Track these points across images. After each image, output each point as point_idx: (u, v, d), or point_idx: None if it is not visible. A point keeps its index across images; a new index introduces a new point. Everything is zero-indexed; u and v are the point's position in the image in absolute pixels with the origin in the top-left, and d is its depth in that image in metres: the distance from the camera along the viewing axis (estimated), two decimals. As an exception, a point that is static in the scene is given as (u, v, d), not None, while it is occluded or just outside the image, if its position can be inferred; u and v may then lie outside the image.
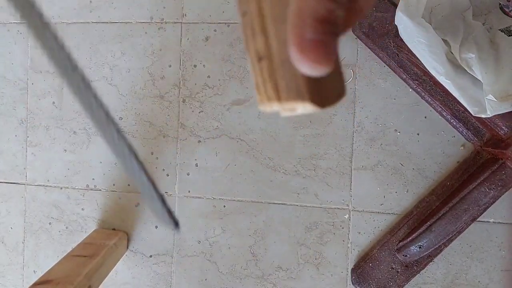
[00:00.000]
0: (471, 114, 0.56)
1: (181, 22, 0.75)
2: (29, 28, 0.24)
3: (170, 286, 0.76)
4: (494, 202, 0.62)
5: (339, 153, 0.70)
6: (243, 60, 0.73)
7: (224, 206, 0.74)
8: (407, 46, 0.58)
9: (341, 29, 0.15)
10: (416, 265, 0.66)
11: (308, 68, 0.14)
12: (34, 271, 0.81)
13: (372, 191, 0.69)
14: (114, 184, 0.78)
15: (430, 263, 0.66)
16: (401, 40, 0.59)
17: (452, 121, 0.65)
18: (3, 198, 0.83)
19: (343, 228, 0.70)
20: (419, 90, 0.66)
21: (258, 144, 0.72)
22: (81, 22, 0.79)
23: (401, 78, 0.66)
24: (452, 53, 0.54)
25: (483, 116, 0.54)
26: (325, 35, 0.14)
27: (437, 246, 0.63)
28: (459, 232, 0.64)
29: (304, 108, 0.17)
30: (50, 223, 0.80)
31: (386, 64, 0.67)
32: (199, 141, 0.75)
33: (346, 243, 0.70)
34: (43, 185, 0.81)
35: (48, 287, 0.55)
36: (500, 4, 0.58)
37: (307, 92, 0.16)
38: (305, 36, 0.14)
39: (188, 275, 0.75)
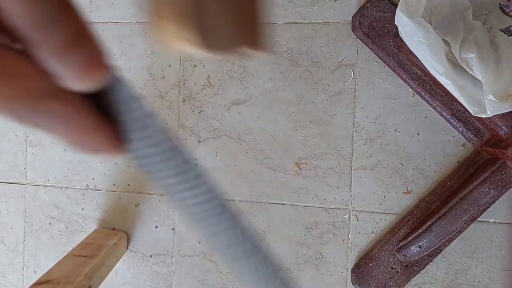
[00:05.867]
0: (471, 114, 0.56)
1: (181, 22, 0.75)
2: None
3: (170, 286, 0.76)
4: (494, 202, 0.62)
5: (339, 153, 0.70)
6: (243, 60, 0.73)
7: (224, 206, 0.74)
8: (407, 46, 0.58)
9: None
10: (416, 265, 0.66)
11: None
12: (34, 271, 0.82)
13: (372, 191, 0.69)
14: (114, 184, 0.78)
15: (430, 263, 0.66)
16: (401, 40, 0.59)
17: (452, 121, 0.65)
18: (3, 198, 0.83)
19: (343, 228, 0.70)
20: (419, 90, 0.66)
21: (258, 144, 0.72)
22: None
23: (401, 78, 0.67)
24: (452, 53, 0.54)
25: (483, 116, 0.54)
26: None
27: (437, 246, 0.63)
28: (459, 232, 0.64)
29: (185, 33, 0.16)
30: (50, 223, 0.80)
31: (386, 64, 0.67)
32: (199, 141, 0.75)
33: (346, 243, 0.70)
34: (43, 185, 0.81)
35: (48, 287, 0.55)
36: (500, 4, 0.58)
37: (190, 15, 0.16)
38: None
39: (188, 275, 0.75)
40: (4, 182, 0.83)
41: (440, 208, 0.63)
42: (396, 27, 0.58)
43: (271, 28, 0.72)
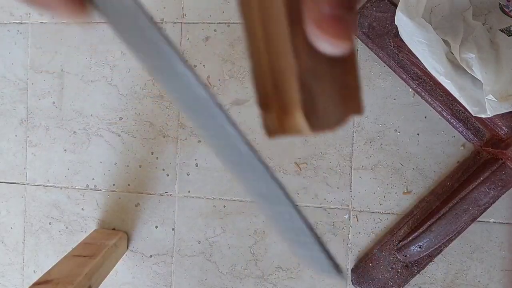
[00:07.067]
0: (471, 114, 0.56)
1: (181, 22, 0.75)
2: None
3: (170, 286, 0.76)
4: (494, 202, 0.62)
5: (339, 153, 0.70)
6: (243, 60, 0.73)
7: (224, 206, 0.74)
8: (407, 46, 0.58)
9: (354, 1, 0.14)
10: (416, 265, 0.66)
11: (327, 44, 0.14)
12: (34, 271, 0.82)
13: (372, 191, 0.69)
14: (114, 184, 0.78)
15: (430, 263, 0.66)
16: (401, 40, 0.59)
17: (452, 121, 0.65)
18: (3, 198, 0.83)
19: (343, 228, 0.70)
20: (419, 90, 0.66)
21: (258, 144, 0.72)
22: (81, 22, 0.78)
23: (401, 78, 0.67)
24: (452, 53, 0.54)
25: (483, 116, 0.54)
26: (341, 9, 0.13)
27: (437, 246, 0.63)
28: (459, 232, 0.64)
29: (294, 123, 0.16)
30: (50, 223, 0.80)
31: (386, 64, 0.67)
32: (199, 141, 0.75)
33: (346, 243, 0.70)
34: (43, 185, 0.81)
35: (48, 287, 0.55)
36: (500, 4, 0.58)
37: (298, 98, 0.15)
38: (322, 11, 0.13)
39: (188, 275, 0.75)
40: (4, 182, 0.83)
41: (440, 208, 0.63)
42: (396, 27, 0.58)
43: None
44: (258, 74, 0.17)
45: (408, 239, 0.64)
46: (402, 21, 0.54)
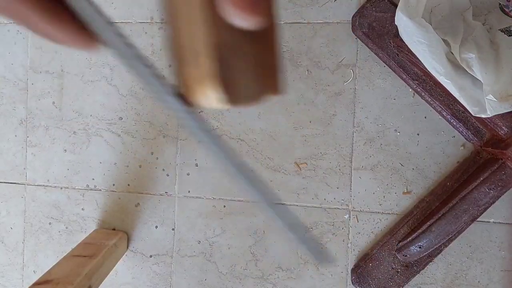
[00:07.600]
0: (471, 114, 0.56)
1: (181, 22, 0.75)
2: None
3: (170, 286, 0.76)
4: (494, 202, 0.62)
5: (339, 153, 0.70)
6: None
7: (224, 206, 0.74)
8: (407, 46, 0.58)
9: None
10: (416, 265, 0.66)
11: (237, 17, 0.13)
12: (34, 271, 0.81)
13: (372, 191, 0.69)
14: (114, 184, 0.78)
15: (430, 263, 0.66)
16: (401, 40, 0.59)
17: (452, 121, 0.65)
18: (3, 198, 0.83)
19: (343, 228, 0.70)
20: (419, 90, 0.66)
21: (258, 144, 0.72)
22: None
23: (401, 78, 0.66)
24: (452, 53, 0.54)
25: (483, 116, 0.54)
26: None
27: (437, 246, 0.63)
28: (459, 232, 0.64)
29: (209, 93, 0.16)
30: (50, 223, 0.80)
31: (386, 64, 0.67)
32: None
33: (346, 243, 0.70)
34: (43, 185, 0.81)
35: (48, 287, 0.55)
36: (500, 4, 0.58)
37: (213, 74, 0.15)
38: None
39: (188, 275, 0.75)
40: (4, 182, 0.82)
41: (440, 208, 0.63)
42: (396, 27, 0.58)
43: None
44: (175, 45, 0.17)
45: (408, 239, 0.64)
46: (402, 21, 0.53)
